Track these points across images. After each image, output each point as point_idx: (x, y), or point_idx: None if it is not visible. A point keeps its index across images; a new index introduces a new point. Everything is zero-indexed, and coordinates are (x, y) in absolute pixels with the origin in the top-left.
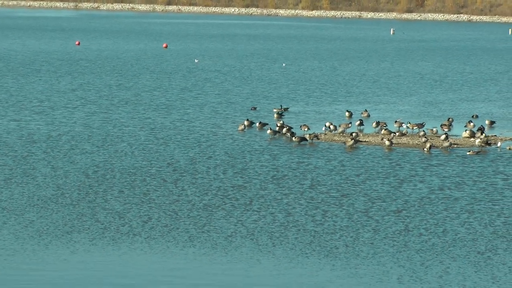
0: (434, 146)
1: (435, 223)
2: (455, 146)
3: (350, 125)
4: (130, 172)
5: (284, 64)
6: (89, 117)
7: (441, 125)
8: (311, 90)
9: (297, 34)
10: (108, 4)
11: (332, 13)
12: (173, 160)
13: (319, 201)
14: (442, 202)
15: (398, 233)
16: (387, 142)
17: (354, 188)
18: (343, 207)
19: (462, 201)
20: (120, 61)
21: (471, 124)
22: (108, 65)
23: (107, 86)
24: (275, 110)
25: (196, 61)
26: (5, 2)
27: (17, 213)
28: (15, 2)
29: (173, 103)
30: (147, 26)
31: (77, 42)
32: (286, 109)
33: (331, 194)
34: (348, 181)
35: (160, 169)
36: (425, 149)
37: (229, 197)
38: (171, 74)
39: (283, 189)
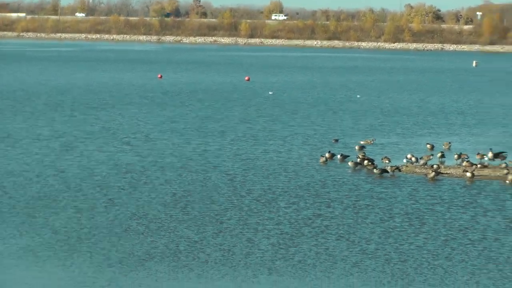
0: None
1: None
2: None
3: (431, 157)
4: (212, 201)
5: (358, 96)
6: (176, 147)
7: None
8: (394, 122)
9: (380, 66)
10: (190, 38)
11: (414, 45)
12: (253, 190)
13: (398, 229)
14: None
15: (476, 262)
16: (468, 174)
17: (433, 218)
18: (423, 235)
19: None
20: (204, 92)
21: None
22: (193, 97)
23: (194, 117)
24: (362, 143)
25: (270, 93)
26: (89, 36)
27: (97, 241)
28: (98, 36)
29: (257, 134)
30: (229, 58)
31: (159, 76)
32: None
33: (411, 223)
34: (428, 212)
35: (241, 199)
36: (507, 181)
37: (307, 225)
38: (257, 106)
39: (363, 219)
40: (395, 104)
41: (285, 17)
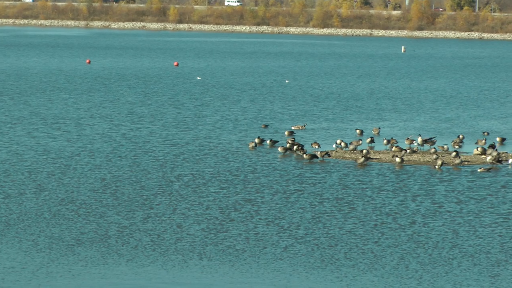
0: (445, 163)
1: (442, 238)
2: (466, 163)
3: (361, 142)
4: (141, 186)
5: (287, 81)
6: (106, 133)
7: (452, 142)
8: (320, 108)
9: (309, 51)
10: (119, 23)
11: (343, 31)
12: (183, 175)
13: (328, 215)
14: (450, 218)
15: (405, 247)
16: (398, 159)
17: (363, 203)
18: (352, 220)
19: (470, 217)
20: (134, 78)
21: (483, 141)
22: (123, 83)
23: (124, 103)
24: (294, 128)
25: (198, 78)
26: (16, 21)
27: (25, 227)
28: (26, 21)
29: (187, 119)
30: (158, 44)
31: (87, 61)
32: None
33: (341, 208)
34: (358, 197)
35: (171, 184)
36: (436, 166)
37: (237, 211)
38: (185, 92)
39: (292, 204)
40: (325, 90)
41: (239, 3)
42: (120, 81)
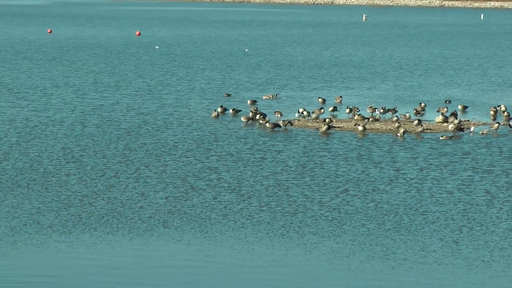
0: (407, 132)
1: (404, 205)
2: (428, 131)
3: (323, 110)
4: (104, 155)
5: (247, 50)
6: (71, 102)
7: (414, 110)
8: (284, 76)
9: (272, 20)
10: None
11: None
12: (147, 144)
13: (290, 182)
14: (413, 185)
15: (367, 214)
16: (360, 128)
17: (325, 171)
18: (315, 188)
19: (432, 184)
20: (97, 47)
21: (445, 109)
22: (86, 52)
23: (88, 72)
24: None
25: (156, 47)
26: None
27: None
28: None
29: (151, 89)
30: (119, 12)
31: (49, 30)
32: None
33: (303, 176)
34: (320, 165)
35: (134, 153)
36: (398, 134)
37: (200, 179)
38: (149, 61)
39: (255, 172)
40: (288, 58)
41: None
42: (83, 51)
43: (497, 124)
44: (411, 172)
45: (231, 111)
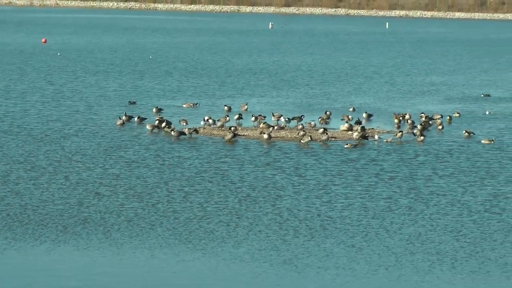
0: (312, 140)
1: (308, 210)
2: (333, 139)
3: (228, 118)
4: (7, 163)
5: (150, 57)
6: None
7: (319, 119)
8: (195, 84)
9: (179, 27)
10: None
11: (211, 7)
12: (51, 151)
13: (195, 190)
14: (317, 191)
15: (271, 220)
16: (265, 136)
17: (228, 179)
18: (221, 195)
19: (336, 190)
20: (2, 54)
21: (349, 117)
22: None
23: None
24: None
25: (58, 54)
26: None
27: None
28: None
29: (58, 96)
30: (24, 19)
31: None
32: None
33: (206, 185)
34: (225, 173)
35: (36, 160)
36: (302, 141)
37: (104, 186)
38: (57, 68)
39: (162, 180)
40: (197, 65)
41: None
42: None
43: (400, 133)
44: (315, 179)
45: (136, 119)
